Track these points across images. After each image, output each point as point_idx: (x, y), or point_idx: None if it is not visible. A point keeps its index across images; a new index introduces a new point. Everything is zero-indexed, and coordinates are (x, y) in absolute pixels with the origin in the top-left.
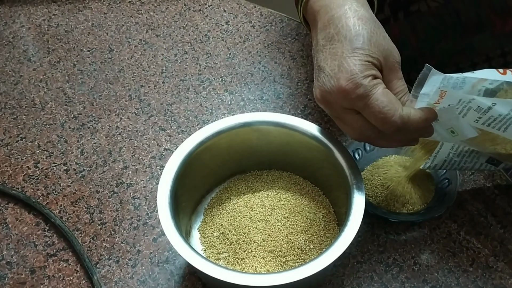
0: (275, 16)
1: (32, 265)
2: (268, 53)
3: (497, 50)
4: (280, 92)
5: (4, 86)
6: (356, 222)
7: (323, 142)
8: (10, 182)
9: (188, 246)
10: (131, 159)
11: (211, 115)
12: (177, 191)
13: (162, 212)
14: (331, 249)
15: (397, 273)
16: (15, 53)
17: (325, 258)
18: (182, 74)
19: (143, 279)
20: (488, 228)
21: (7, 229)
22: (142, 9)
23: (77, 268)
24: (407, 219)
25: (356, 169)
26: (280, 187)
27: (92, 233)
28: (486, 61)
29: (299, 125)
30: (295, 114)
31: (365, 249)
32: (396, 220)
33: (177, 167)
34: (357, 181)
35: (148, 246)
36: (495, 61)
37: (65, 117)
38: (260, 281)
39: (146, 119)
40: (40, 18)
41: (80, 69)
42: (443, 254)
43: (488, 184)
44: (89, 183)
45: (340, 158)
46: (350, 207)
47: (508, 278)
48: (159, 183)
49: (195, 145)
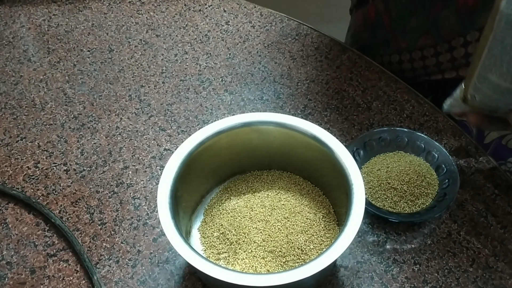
0: (275, 16)
1: (32, 265)
2: (268, 53)
3: (460, 37)
4: (280, 92)
5: (4, 86)
6: (356, 222)
7: (323, 142)
8: (10, 182)
9: (188, 246)
10: (131, 159)
11: (211, 115)
12: (177, 191)
13: (162, 212)
14: (331, 249)
15: (397, 273)
16: (15, 53)
17: (325, 258)
18: (182, 74)
19: (143, 279)
20: (488, 229)
21: (7, 229)
22: (142, 9)
23: (77, 268)
24: (408, 220)
25: (356, 169)
26: (280, 187)
27: (92, 233)
28: (449, 50)
29: (299, 125)
30: (295, 114)
31: (365, 249)
32: (397, 220)
33: (177, 167)
34: (357, 181)
35: (148, 246)
36: (457, 51)
37: (65, 117)
38: (260, 281)
39: (146, 119)
40: (40, 18)
41: (80, 69)
42: (443, 254)
43: (488, 184)
44: (89, 183)
45: (340, 158)
46: (350, 207)
47: (508, 278)
48: (159, 183)
49: (195, 145)
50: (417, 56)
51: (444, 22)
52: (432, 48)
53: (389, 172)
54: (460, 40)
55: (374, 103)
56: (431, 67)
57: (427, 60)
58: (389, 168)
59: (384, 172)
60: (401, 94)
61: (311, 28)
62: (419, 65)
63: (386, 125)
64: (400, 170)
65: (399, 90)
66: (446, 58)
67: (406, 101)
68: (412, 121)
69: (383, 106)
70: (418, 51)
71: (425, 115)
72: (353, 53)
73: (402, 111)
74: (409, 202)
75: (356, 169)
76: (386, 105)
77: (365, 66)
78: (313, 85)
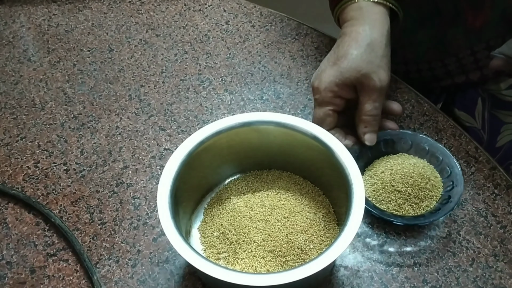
0: (275, 16)
1: (32, 265)
2: (268, 53)
3: (467, 50)
4: (280, 92)
5: (4, 86)
6: (356, 222)
7: (323, 142)
8: (10, 182)
9: (188, 246)
10: (131, 159)
11: (211, 115)
12: (177, 191)
13: (162, 212)
14: (331, 248)
15: (397, 273)
16: (15, 52)
17: (325, 258)
18: (182, 74)
19: (143, 279)
20: (488, 228)
21: (7, 229)
22: (142, 9)
23: (77, 268)
24: (412, 223)
25: (356, 169)
26: (280, 187)
27: (92, 233)
28: (456, 61)
29: (299, 125)
30: (295, 114)
31: (365, 248)
32: (401, 223)
33: (177, 167)
34: (357, 181)
35: (148, 246)
36: (465, 59)
37: (65, 117)
38: (260, 281)
39: (146, 119)
40: (40, 18)
41: (80, 69)
42: (443, 254)
43: (488, 184)
44: (89, 183)
45: (340, 158)
46: (350, 206)
47: (508, 278)
48: (159, 183)
49: (195, 145)
50: (424, 67)
51: (452, 40)
52: (440, 61)
53: (393, 175)
54: (467, 51)
55: None
56: (440, 74)
57: (436, 70)
58: (393, 170)
59: (388, 175)
60: (401, 94)
61: (311, 28)
62: (428, 74)
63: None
64: (404, 173)
65: (399, 90)
66: (454, 66)
67: (406, 100)
68: (412, 121)
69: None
70: (425, 63)
71: (425, 114)
72: None
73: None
74: (414, 204)
75: (356, 169)
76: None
77: None
78: None
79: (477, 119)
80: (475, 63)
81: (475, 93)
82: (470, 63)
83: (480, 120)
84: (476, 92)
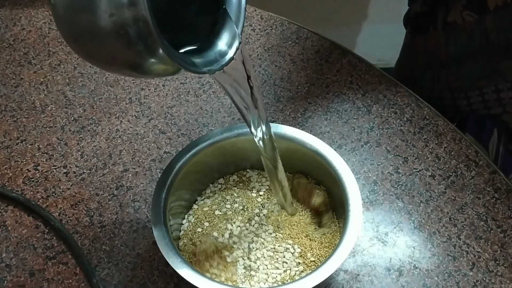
0: (275, 19)
1: (32, 268)
2: (268, 57)
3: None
4: (280, 95)
5: (4, 88)
6: (356, 227)
7: (323, 156)
8: (9, 184)
9: (179, 258)
10: (131, 162)
11: (211, 118)
12: (170, 197)
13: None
14: (331, 260)
15: (397, 277)
16: (15, 55)
17: (324, 269)
18: (182, 77)
19: (142, 282)
20: (488, 232)
21: (7, 232)
22: None
23: (77, 271)
24: None
25: (354, 181)
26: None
27: (91, 236)
28: (511, 89)
29: (298, 137)
30: (295, 118)
31: (364, 252)
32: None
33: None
34: (355, 194)
35: (147, 249)
36: (504, 93)
37: (65, 120)
38: None
39: (146, 122)
40: (40, 21)
41: (80, 72)
42: (443, 258)
43: (488, 188)
44: (89, 186)
45: (340, 174)
46: (347, 220)
47: (508, 282)
48: (153, 194)
49: (194, 151)
50: (474, 94)
51: (507, 71)
52: (493, 86)
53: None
54: (507, 85)
55: (374, 106)
56: (491, 101)
57: (487, 95)
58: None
59: None
60: (401, 98)
61: (312, 31)
62: (477, 100)
63: (386, 128)
64: None
65: (399, 94)
66: (508, 95)
67: (406, 104)
68: (412, 125)
69: (383, 110)
70: (476, 90)
71: (425, 118)
72: (353, 57)
73: (402, 115)
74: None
75: (354, 182)
76: (386, 108)
77: (365, 69)
78: (313, 88)
79: (490, 152)
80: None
81: (491, 123)
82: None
83: (493, 153)
84: (492, 122)
